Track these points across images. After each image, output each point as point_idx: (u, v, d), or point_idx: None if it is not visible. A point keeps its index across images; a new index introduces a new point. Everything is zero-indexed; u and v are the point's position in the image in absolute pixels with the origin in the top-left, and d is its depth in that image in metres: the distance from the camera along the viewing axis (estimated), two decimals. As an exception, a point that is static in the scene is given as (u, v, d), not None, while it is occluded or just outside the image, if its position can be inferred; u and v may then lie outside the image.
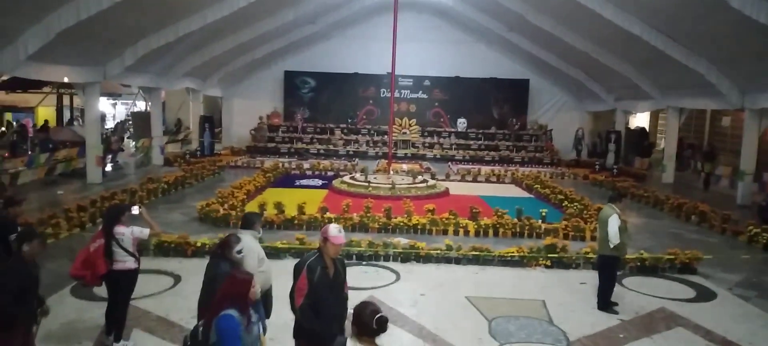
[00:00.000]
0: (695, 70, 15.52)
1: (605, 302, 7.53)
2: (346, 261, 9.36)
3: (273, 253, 9.37)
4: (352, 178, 17.05)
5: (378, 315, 3.37)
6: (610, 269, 7.58)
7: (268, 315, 5.22)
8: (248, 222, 5.53)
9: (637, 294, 8.24)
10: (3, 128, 23.08)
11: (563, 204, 14.00)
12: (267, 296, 5.40)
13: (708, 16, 13.09)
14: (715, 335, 6.84)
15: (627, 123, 24.40)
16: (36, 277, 4.75)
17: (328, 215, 11.73)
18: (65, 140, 19.25)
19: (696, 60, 15.41)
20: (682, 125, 20.95)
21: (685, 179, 20.57)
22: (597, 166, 22.60)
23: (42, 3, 11.43)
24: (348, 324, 3.94)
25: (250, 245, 5.23)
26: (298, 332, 4.46)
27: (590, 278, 8.53)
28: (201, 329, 3.75)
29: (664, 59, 16.00)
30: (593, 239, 10.83)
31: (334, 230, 4.43)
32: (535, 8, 18.53)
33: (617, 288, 7.89)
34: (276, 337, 6.38)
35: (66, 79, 15.68)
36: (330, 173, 19.71)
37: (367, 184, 15.83)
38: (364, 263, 9.21)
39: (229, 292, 3.74)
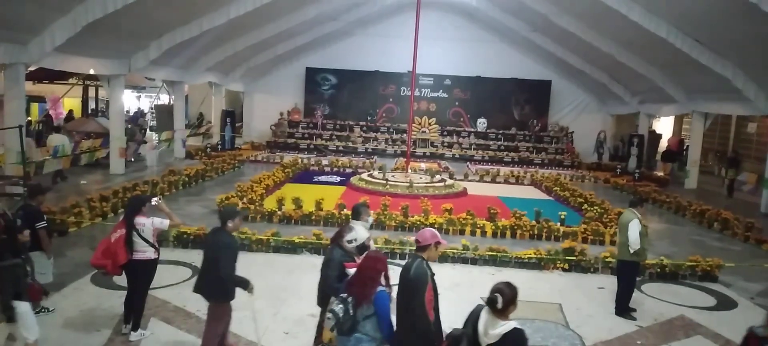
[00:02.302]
0: (722, 74, 15.25)
1: (623, 308, 7.44)
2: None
3: (290, 248, 9.46)
4: (370, 175, 17.06)
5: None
6: (629, 275, 7.49)
7: None
8: (357, 213, 5.74)
9: (656, 301, 8.13)
10: (29, 118, 23.54)
11: (583, 207, 13.86)
12: None
13: (737, 20, 12.85)
14: (734, 345, 6.72)
15: (650, 126, 24.03)
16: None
17: (345, 211, 11.76)
18: (90, 131, 19.56)
19: (723, 64, 15.14)
20: (706, 131, 20.59)
21: (708, 185, 20.24)
22: (618, 170, 22.34)
23: (70, -5, 11.67)
24: None
25: (362, 235, 5.41)
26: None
27: (608, 283, 8.44)
28: (350, 304, 4.18)
29: (691, 63, 15.74)
30: (612, 243, 10.71)
31: (439, 234, 4.52)
32: (559, 9, 18.37)
33: (636, 294, 7.80)
34: (291, 331, 6.44)
35: (92, 71, 15.96)
36: (348, 170, 19.76)
37: (385, 182, 15.83)
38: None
39: (376, 270, 4.23)
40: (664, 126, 28.05)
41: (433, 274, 4.33)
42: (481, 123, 26.83)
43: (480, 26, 26.02)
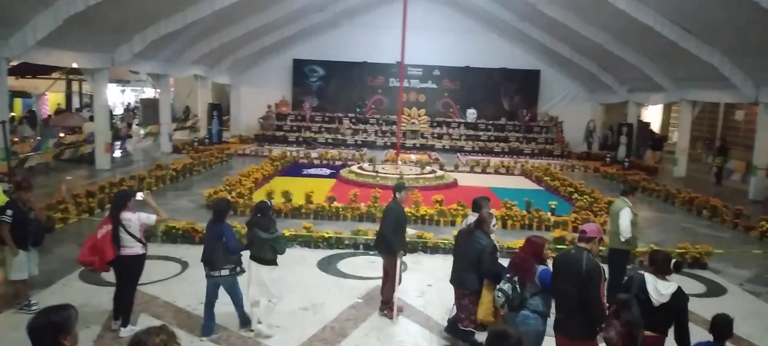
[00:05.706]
0: (709, 62, 15.32)
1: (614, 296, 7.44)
2: (353, 250, 9.36)
3: (280, 241, 9.37)
4: (360, 167, 17.00)
5: (673, 260, 4.74)
6: (620, 263, 7.48)
7: None
8: (477, 206, 6.14)
9: (647, 288, 8.14)
10: (13, 113, 23.18)
11: (573, 197, 13.90)
12: None
13: (724, 7, 12.89)
14: (726, 331, 6.74)
15: (639, 116, 24.10)
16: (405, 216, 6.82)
17: (335, 204, 11.69)
18: (74, 126, 19.30)
19: (710, 52, 15.20)
20: (694, 118, 20.70)
21: (697, 172, 20.38)
22: (608, 159, 22.43)
23: (51, -12, 11.44)
24: None
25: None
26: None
27: (600, 272, 8.44)
28: (516, 282, 4.78)
29: (678, 51, 15.79)
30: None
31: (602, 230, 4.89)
32: (547, -2, 18.34)
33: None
34: (283, 325, 6.38)
35: (74, 65, 15.71)
36: (338, 163, 19.66)
37: (375, 174, 15.77)
38: (371, 252, 9.16)
39: (534, 252, 4.83)
40: (653, 115, 28.18)
41: None
42: (471, 113, 26.76)
43: (468, 16, 25.92)
